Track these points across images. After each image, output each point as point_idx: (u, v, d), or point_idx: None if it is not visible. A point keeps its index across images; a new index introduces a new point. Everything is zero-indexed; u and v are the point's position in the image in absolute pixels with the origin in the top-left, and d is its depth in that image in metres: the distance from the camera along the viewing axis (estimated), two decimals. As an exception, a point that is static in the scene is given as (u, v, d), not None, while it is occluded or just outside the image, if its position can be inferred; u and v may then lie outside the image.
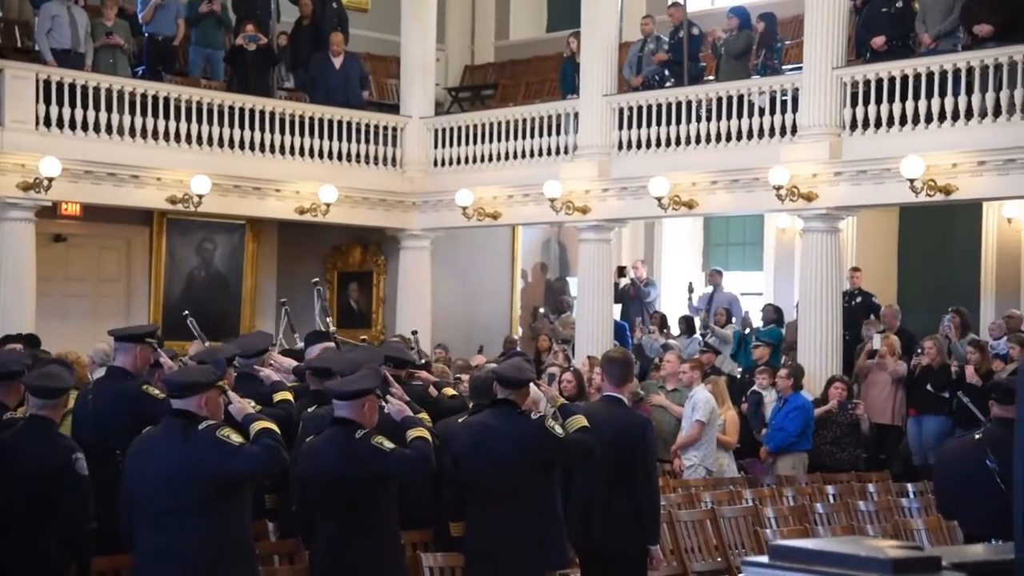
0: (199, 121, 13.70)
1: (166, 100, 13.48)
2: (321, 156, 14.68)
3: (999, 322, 12.35)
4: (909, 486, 9.89)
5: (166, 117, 13.44)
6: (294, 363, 7.48)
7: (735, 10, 13.75)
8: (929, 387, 11.10)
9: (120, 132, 13.14)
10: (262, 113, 14.19)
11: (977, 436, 6.27)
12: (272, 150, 14.28)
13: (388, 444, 5.39)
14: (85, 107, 12.91)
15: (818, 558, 2.67)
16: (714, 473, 9.52)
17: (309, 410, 6.21)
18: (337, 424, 5.47)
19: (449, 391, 7.11)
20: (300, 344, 8.39)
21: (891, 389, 11.44)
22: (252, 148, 14.11)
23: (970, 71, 11.22)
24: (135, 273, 15.08)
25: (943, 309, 12.34)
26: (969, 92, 11.20)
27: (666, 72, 13.97)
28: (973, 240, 14.26)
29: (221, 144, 13.87)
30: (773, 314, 13.62)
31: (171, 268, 15.06)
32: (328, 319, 9.00)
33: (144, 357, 6.39)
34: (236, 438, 5.01)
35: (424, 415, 6.01)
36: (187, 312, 8.33)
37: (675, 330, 14.50)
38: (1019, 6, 11.56)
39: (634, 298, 15.65)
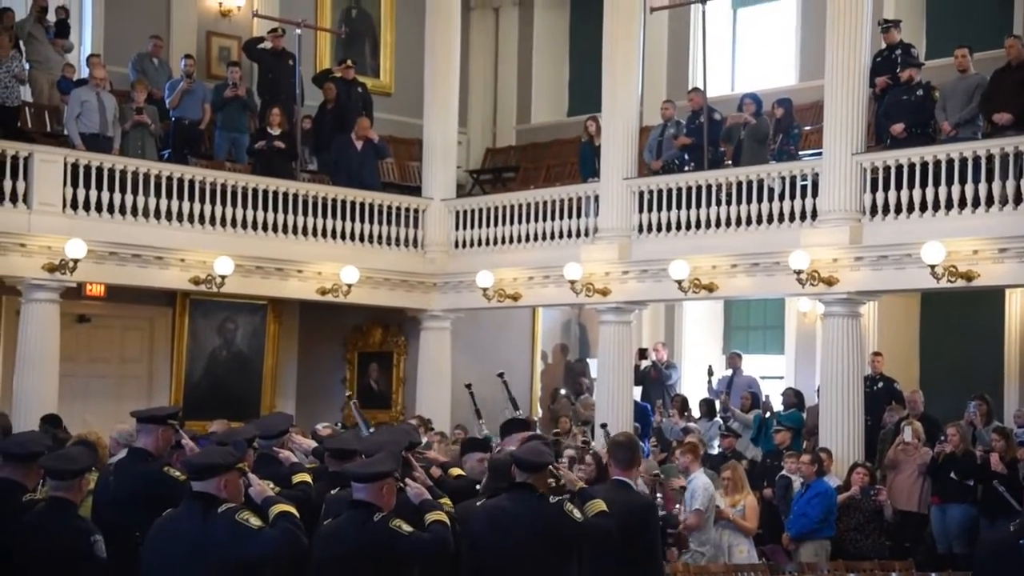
0: (223, 203, 13.86)
1: (191, 183, 13.66)
2: (343, 237, 14.80)
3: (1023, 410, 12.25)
4: (933, 575, 9.73)
5: (191, 199, 13.61)
6: (313, 444, 7.47)
7: (752, 96, 13.89)
8: (953, 475, 10.98)
9: (145, 214, 13.30)
10: (285, 195, 14.35)
11: (1012, 527, 6.19)
12: (295, 231, 14.41)
13: (406, 527, 5.37)
14: (112, 189, 13.09)
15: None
16: (721, 559, 9.43)
17: (332, 492, 6.19)
18: (355, 507, 5.45)
19: (455, 471, 7.09)
20: (485, 431, 8.57)
21: (916, 476, 11.32)
22: (275, 229, 14.24)
23: (990, 158, 11.26)
24: (157, 353, 15.15)
25: (965, 395, 12.25)
26: (989, 179, 11.24)
27: (686, 156, 14.08)
28: (996, 325, 14.18)
29: (244, 226, 14.01)
30: (794, 398, 13.54)
31: (193, 348, 15.13)
32: (518, 411, 9.09)
33: (166, 439, 6.41)
34: (256, 521, 5.00)
35: (446, 499, 5.99)
36: (350, 393, 8.72)
37: (696, 413, 14.43)
38: (1038, 94, 11.65)
39: (655, 380, 15.60)
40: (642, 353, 15.83)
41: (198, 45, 16.37)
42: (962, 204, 11.40)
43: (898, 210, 11.81)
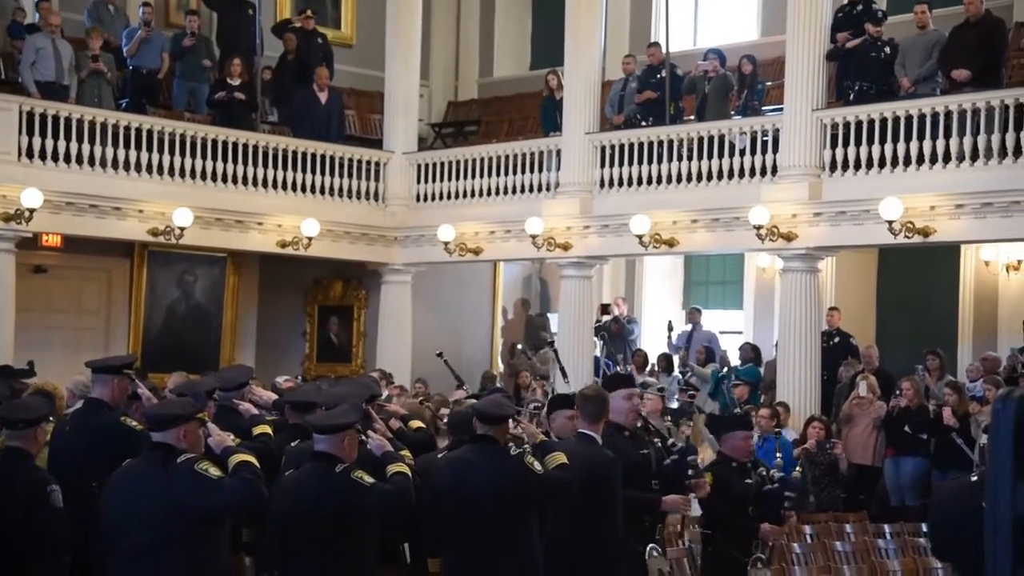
0: (182, 154, 13.72)
1: (149, 133, 13.50)
2: (303, 190, 14.71)
3: (976, 364, 12.43)
4: (886, 527, 9.90)
5: (149, 150, 13.46)
6: (274, 396, 7.46)
7: (715, 51, 13.89)
8: (907, 428, 11.14)
9: (103, 164, 13.14)
10: (245, 147, 14.23)
11: (973, 478, 6.30)
12: (255, 183, 14.31)
13: (368, 479, 5.38)
14: (68, 139, 12.92)
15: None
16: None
17: (292, 444, 6.20)
18: (316, 458, 5.46)
19: (415, 423, 7.11)
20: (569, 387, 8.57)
21: (871, 430, 11.48)
22: (235, 181, 14.14)
23: (948, 115, 11.35)
24: (115, 305, 15.03)
25: (920, 350, 12.42)
26: (947, 136, 11.33)
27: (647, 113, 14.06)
28: (951, 282, 14.36)
29: (204, 177, 13.89)
30: (751, 353, 13.66)
31: (151, 300, 15.02)
32: (567, 381, 9.03)
33: (122, 389, 6.37)
34: (215, 471, 4.99)
35: (406, 451, 6.01)
36: (440, 352, 8.75)
37: (655, 368, 14.51)
38: (996, 52, 11.72)
39: (616, 335, 15.68)
40: (605, 308, 15.89)
41: (156, -7, 16.13)
42: (920, 160, 11.49)
43: (857, 166, 11.89)
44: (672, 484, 6.59)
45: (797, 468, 8.21)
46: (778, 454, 7.54)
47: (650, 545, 6.42)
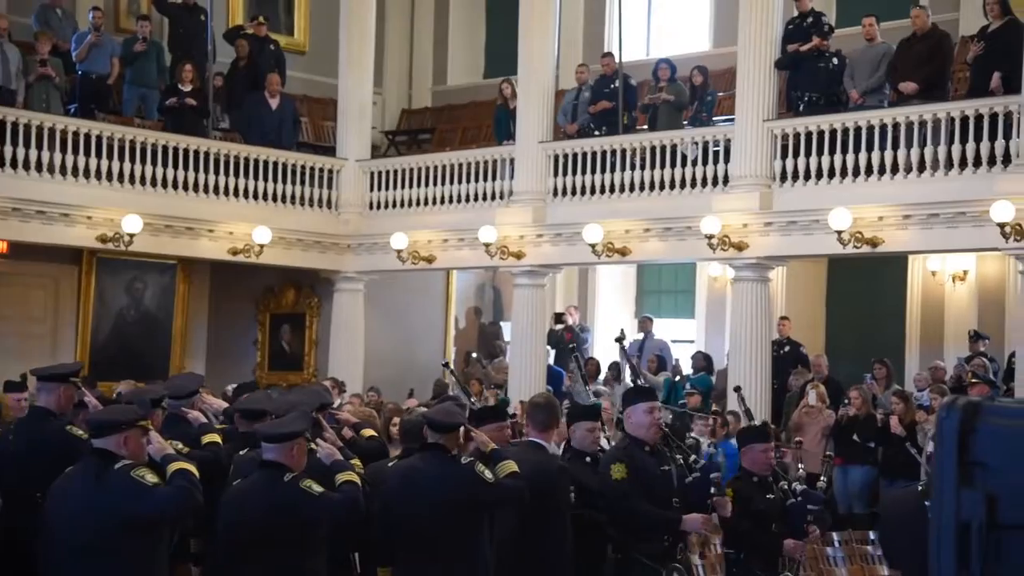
0: (132, 160, 13.60)
1: (99, 138, 13.38)
2: (256, 197, 14.63)
3: (924, 374, 12.58)
4: (834, 535, 9.96)
5: (98, 155, 13.33)
6: (224, 405, 7.41)
7: (666, 61, 13.99)
8: (855, 437, 11.25)
9: (51, 170, 13.00)
10: (196, 153, 14.13)
11: (920, 487, 6.37)
12: (206, 190, 14.21)
13: (317, 488, 5.35)
14: (15, 144, 12.76)
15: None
16: None
17: (241, 452, 6.15)
18: (265, 467, 5.42)
19: (367, 432, 7.09)
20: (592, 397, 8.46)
21: (820, 438, 11.57)
22: (185, 188, 14.03)
23: (896, 127, 11.50)
24: (63, 313, 14.85)
25: (869, 359, 12.55)
26: (895, 147, 11.48)
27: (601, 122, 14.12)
28: (899, 292, 14.55)
29: (154, 183, 13.77)
30: (703, 362, 13.75)
31: (100, 308, 14.86)
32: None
33: (68, 397, 6.30)
34: (151, 478, 4.94)
35: (356, 460, 5.98)
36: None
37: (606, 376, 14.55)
38: (942, 65, 11.90)
39: (569, 343, 15.69)
40: (559, 317, 15.92)
41: (106, -3, 16.00)
42: (868, 171, 11.63)
43: (807, 177, 12.01)
44: (695, 502, 6.31)
45: (822, 479, 8.02)
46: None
47: (672, 565, 6.11)
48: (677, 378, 13.88)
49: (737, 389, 9.54)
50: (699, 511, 6.23)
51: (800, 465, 10.97)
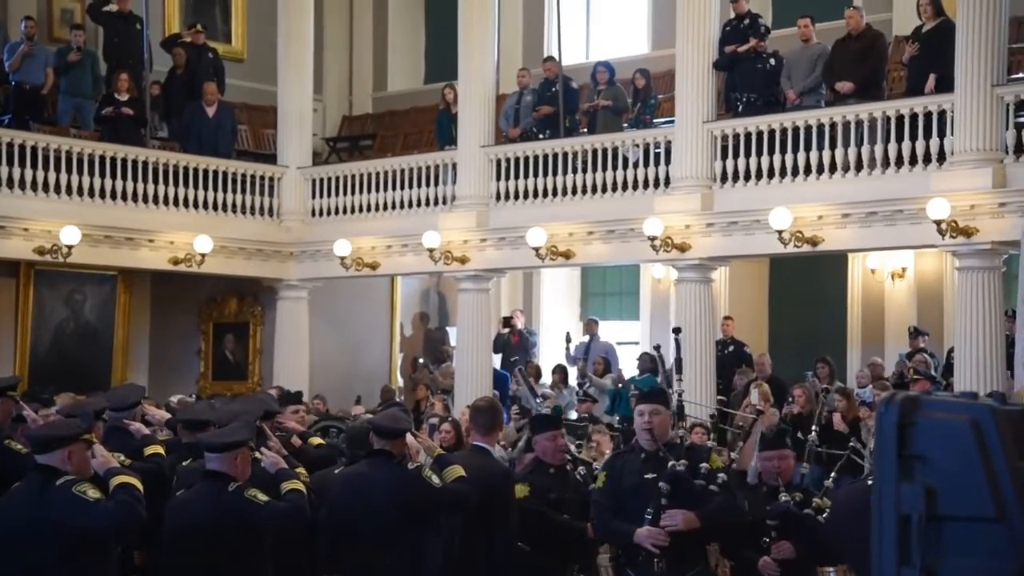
0: (68, 171, 13.42)
1: (34, 149, 13.19)
2: (196, 206, 14.50)
3: (865, 370, 12.72)
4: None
5: (34, 166, 13.14)
6: (167, 415, 7.33)
7: (605, 64, 14.06)
8: (800, 435, 11.32)
9: (-15, 181, 12.79)
10: (135, 163, 13.98)
11: (869, 482, 6.41)
12: (145, 200, 14.06)
13: (262, 497, 5.32)
14: (-51, 156, 12.56)
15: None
16: None
17: (185, 463, 6.09)
18: (209, 477, 5.38)
19: (315, 440, 7.04)
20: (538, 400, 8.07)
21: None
22: (124, 198, 13.88)
23: (833, 126, 11.64)
24: (1, 325, 14.61)
25: (812, 357, 12.68)
26: (833, 147, 11.62)
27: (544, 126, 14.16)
28: (839, 290, 14.72)
29: (92, 194, 13.61)
30: (649, 363, 13.78)
31: (39, 320, 14.63)
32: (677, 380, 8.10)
33: (6, 410, 6.22)
34: (93, 493, 4.88)
35: (301, 468, 5.95)
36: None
37: (548, 380, 14.58)
38: (877, 65, 12.07)
39: (515, 347, 15.71)
40: (506, 321, 15.92)
41: (39, 6, 15.76)
42: (807, 171, 11.76)
43: (747, 177, 12.11)
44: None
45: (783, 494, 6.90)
46: None
47: None
48: (620, 385, 13.89)
49: (676, 330, 9.16)
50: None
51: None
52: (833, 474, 6.86)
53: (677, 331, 9.54)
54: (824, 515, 5.82)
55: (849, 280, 14.67)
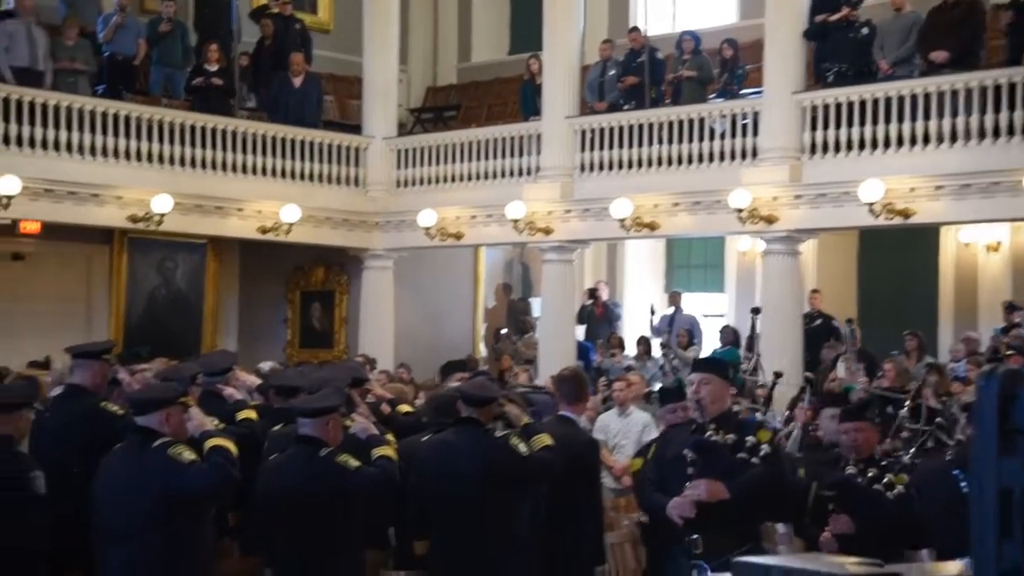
0: (160, 140, 13.65)
1: (127, 119, 13.43)
2: (284, 176, 14.66)
3: (959, 345, 12.48)
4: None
5: (127, 136, 13.38)
6: (258, 381, 7.45)
7: (691, 33, 13.91)
8: (889, 409, 11.17)
9: (80, 150, 13.05)
10: (223, 132, 14.17)
11: (948, 457, 6.32)
12: (234, 169, 14.25)
13: (353, 462, 5.38)
14: (45, 125, 12.82)
15: (780, 574, 2.69)
16: None
17: (275, 428, 6.19)
18: (301, 442, 5.45)
19: (404, 407, 7.11)
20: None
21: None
22: (214, 167, 14.08)
23: (927, 97, 11.39)
24: (95, 292, 14.95)
25: (901, 331, 12.47)
26: (927, 117, 11.38)
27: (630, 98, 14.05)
28: (931, 263, 14.44)
29: (183, 163, 13.82)
30: (731, 336, 13.69)
31: (132, 287, 14.95)
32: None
33: (102, 374, 6.34)
34: (188, 455, 4.98)
35: (389, 435, 6.01)
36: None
37: (633, 351, 14.53)
38: (973, 33, 11.76)
39: (599, 319, 15.69)
40: (590, 293, 15.89)
41: (132, -22, 16.01)
42: (899, 142, 11.53)
43: (837, 148, 11.92)
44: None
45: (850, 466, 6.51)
46: None
47: (695, 564, 5.16)
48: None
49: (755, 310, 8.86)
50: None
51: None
52: (911, 450, 6.69)
53: (756, 311, 9.49)
54: (896, 491, 5.67)
55: (941, 253, 14.39)
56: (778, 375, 8.89)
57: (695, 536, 5.14)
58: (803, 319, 12.58)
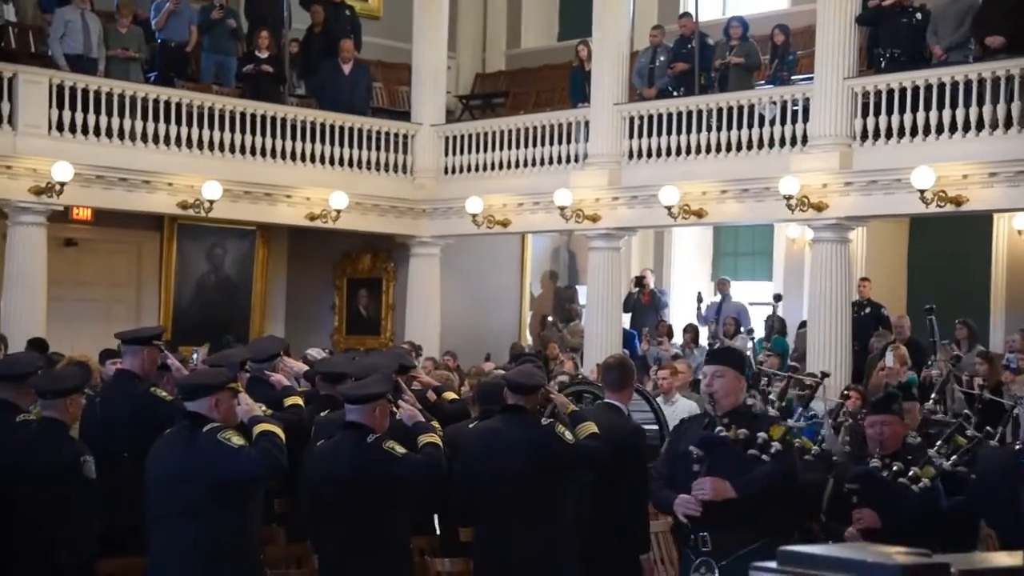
0: (211, 127, 13.75)
1: (178, 106, 13.54)
2: (332, 163, 14.72)
3: (1016, 336, 12.28)
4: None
5: (178, 123, 13.49)
6: (305, 367, 7.50)
7: (739, 19, 13.79)
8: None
9: (132, 137, 13.19)
10: (273, 119, 14.25)
11: (1018, 446, 6.24)
12: (283, 156, 14.33)
13: (400, 449, 5.40)
14: (98, 112, 12.96)
15: (826, 564, 2.66)
16: None
17: (322, 414, 6.22)
18: (348, 428, 5.48)
19: (450, 395, 7.12)
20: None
21: (900, 400, 11.38)
22: (263, 154, 14.17)
23: (981, 82, 11.22)
24: (145, 278, 15.13)
25: (953, 320, 12.32)
26: (980, 103, 11.20)
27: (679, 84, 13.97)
28: (983, 251, 14.23)
29: (232, 150, 13.91)
30: (778, 324, 13.59)
31: (181, 273, 15.11)
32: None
33: (152, 359, 6.42)
34: (237, 440, 5.01)
35: (435, 422, 6.02)
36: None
37: (680, 339, 14.47)
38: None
39: (645, 307, 15.63)
40: (637, 280, 15.85)
41: (183, -34, 16.11)
42: (952, 129, 11.37)
43: (888, 135, 11.78)
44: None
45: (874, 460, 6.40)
46: None
47: (699, 560, 5.11)
48: (751, 343, 13.70)
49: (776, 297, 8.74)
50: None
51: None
52: (939, 442, 6.58)
53: (778, 297, 9.41)
54: (920, 484, 5.52)
55: (994, 241, 14.16)
56: (824, 375, 8.78)
57: (703, 533, 5.07)
58: (852, 308, 12.45)
